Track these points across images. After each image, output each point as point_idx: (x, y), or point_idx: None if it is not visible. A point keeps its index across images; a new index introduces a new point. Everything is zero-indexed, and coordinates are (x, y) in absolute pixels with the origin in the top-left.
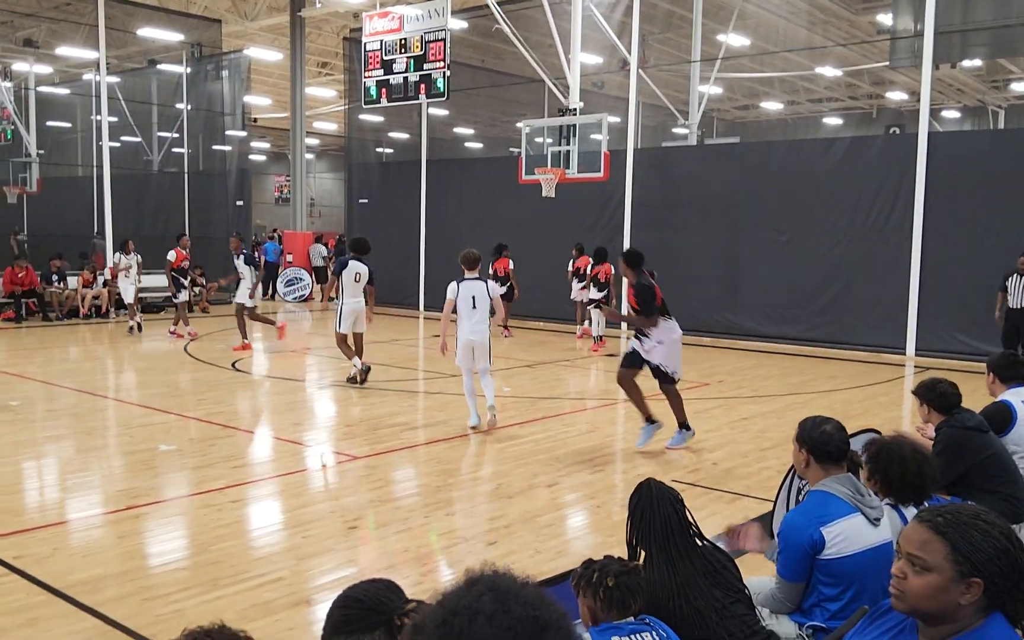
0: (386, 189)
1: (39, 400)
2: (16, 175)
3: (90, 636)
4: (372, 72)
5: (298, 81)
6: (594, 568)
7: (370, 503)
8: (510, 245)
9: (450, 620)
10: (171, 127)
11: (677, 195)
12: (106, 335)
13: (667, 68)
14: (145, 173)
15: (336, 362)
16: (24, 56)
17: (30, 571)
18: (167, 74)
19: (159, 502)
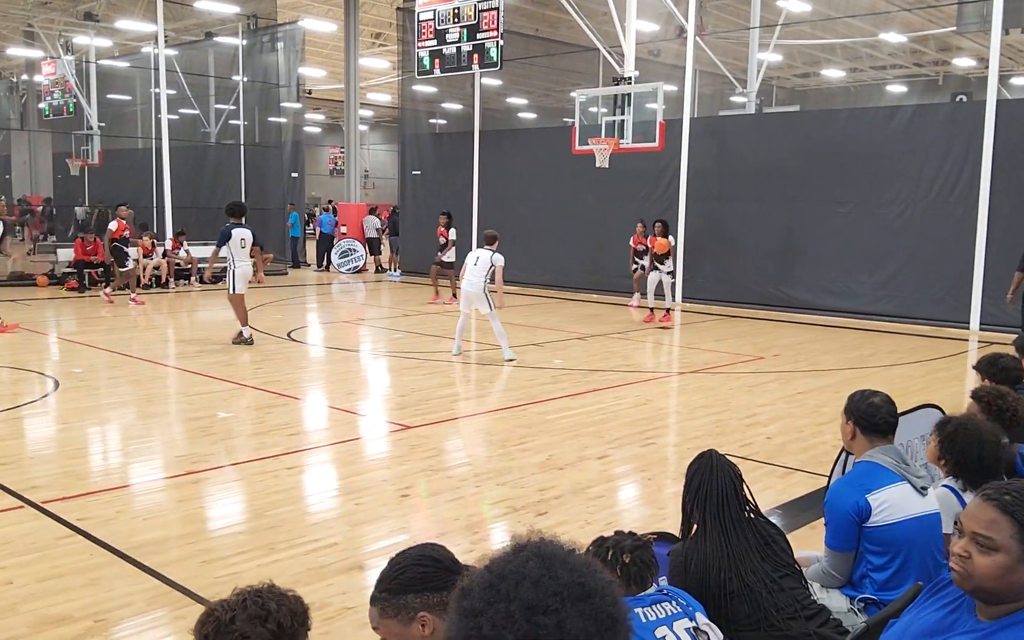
0: (439, 160)
1: (102, 368)
2: (78, 148)
3: (151, 596)
4: (425, 42)
5: (352, 52)
6: (607, 545)
7: (421, 472)
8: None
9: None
10: (227, 99)
11: (734, 165)
12: (165, 304)
13: (725, 35)
14: (202, 145)
15: (388, 333)
16: (85, 30)
17: (94, 532)
18: (223, 46)
19: (217, 468)
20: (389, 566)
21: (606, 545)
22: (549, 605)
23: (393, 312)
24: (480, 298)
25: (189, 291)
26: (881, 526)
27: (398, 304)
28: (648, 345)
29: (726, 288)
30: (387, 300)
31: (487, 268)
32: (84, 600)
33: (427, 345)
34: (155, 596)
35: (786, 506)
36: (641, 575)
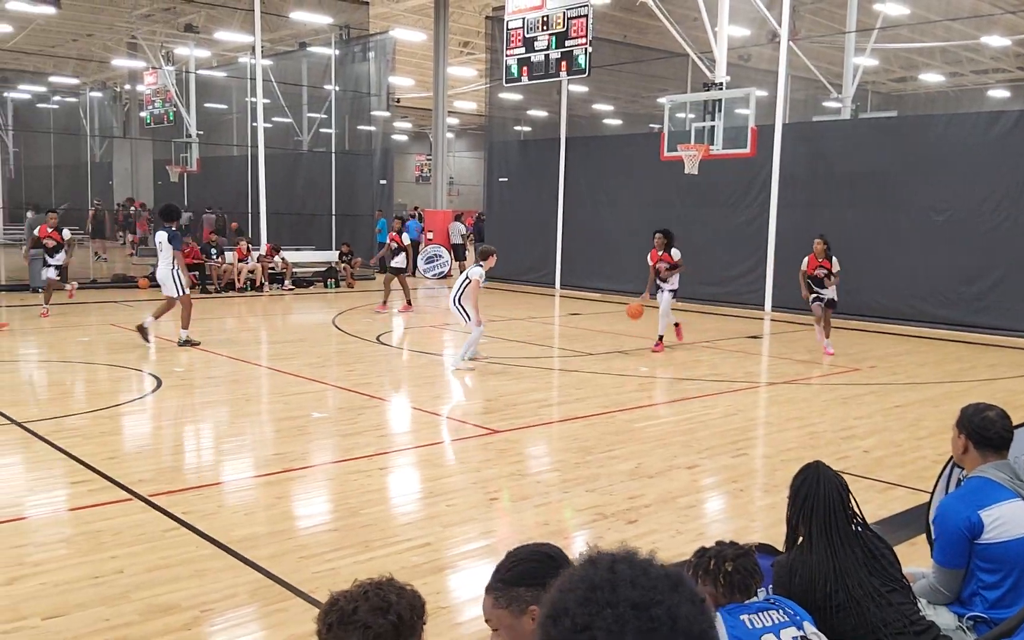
0: (525, 167)
1: (200, 367)
2: (178, 155)
3: (253, 589)
4: (513, 50)
5: (441, 61)
6: (709, 555)
7: (509, 476)
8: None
9: (592, 595)
10: (319, 108)
11: (828, 171)
12: (260, 307)
13: (819, 39)
14: (295, 153)
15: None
16: (185, 41)
17: (198, 525)
18: (316, 56)
19: (312, 466)
20: (506, 558)
21: (708, 554)
22: (654, 598)
23: None
24: (455, 313)
25: (282, 294)
26: (994, 543)
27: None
28: (737, 355)
29: None
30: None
31: (463, 283)
32: (190, 590)
33: (512, 350)
34: (256, 589)
35: (885, 522)
36: (745, 583)
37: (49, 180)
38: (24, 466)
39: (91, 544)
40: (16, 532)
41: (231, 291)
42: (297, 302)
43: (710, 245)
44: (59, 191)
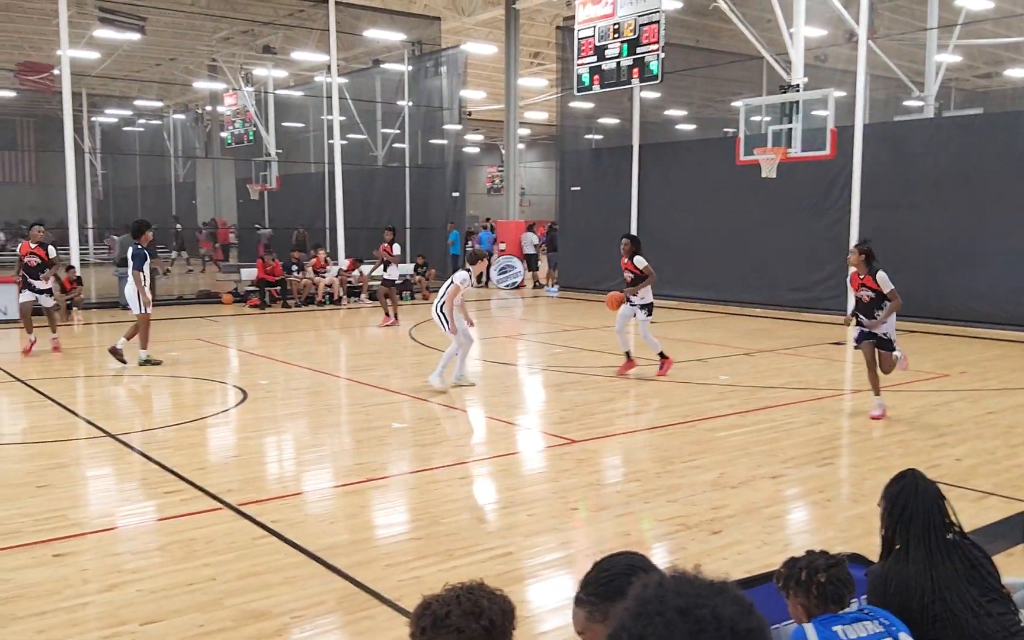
0: (597, 175)
1: (283, 380)
2: (258, 173)
3: (340, 596)
4: (585, 59)
5: (512, 72)
6: (800, 566)
7: (589, 486)
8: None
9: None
10: (393, 123)
11: (911, 172)
12: (338, 321)
13: (899, 37)
14: (370, 168)
15: (546, 347)
16: (263, 62)
17: (286, 534)
18: (390, 73)
19: (393, 476)
20: (596, 571)
21: (799, 565)
22: (698, 602)
23: (551, 327)
24: (437, 320)
25: (359, 307)
26: None
27: (556, 319)
28: (820, 362)
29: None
30: (545, 315)
31: (446, 288)
32: (281, 597)
33: (587, 360)
34: (343, 596)
35: (979, 531)
36: (838, 593)
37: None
38: (119, 476)
39: (185, 552)
40: (114, 540)
41: (311, 305)
42: (374, 315)
43: (789, 250)
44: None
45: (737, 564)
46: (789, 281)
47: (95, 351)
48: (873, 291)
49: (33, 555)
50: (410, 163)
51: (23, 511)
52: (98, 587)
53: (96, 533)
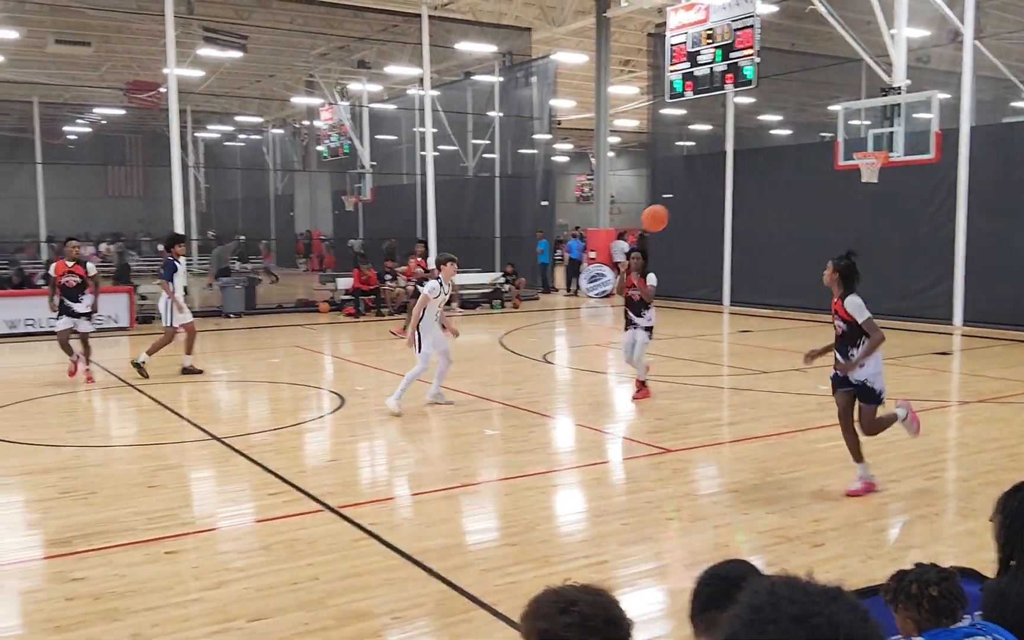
0: (690, 182)
1: (378, 387)
2: (353, 185)
3: (439, 599)
4: (677, 66)
5: (602, 81)
6: (910, 578)
7: (685, 497)
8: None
9: (755, 616)
10: (483, 134)
11: (1020, 175)
12: None
13: (1007, 36)
14: (461, 178)
15: None
16: (358, 76)
17: (385, 536)
18: (480, 84)
19: (487, 482)
20: (704, 579)
21: (909, 578)
22: (814, 609)
23: None
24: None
25: (451, 315)
26: None
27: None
28: (924, 372)
29: (1015, 310)
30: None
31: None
32: (382, 598)
33: (680, 369)
34: (443, 599)
35: None
36: (951, 608)
37: (236, 213)
38: (225, 478)
39: (288, 552)
40: (221, 539)
41: (403, 313)
42: (465, 323)
43: (891, 257)
44: (245, 223)
45: (841, 579)
46: (890, 289)
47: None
48: (845, 321)
49: (146, 552)
50: (500, 173)
51: (136, 510)
52: (207, 584)
53: (204, 532)
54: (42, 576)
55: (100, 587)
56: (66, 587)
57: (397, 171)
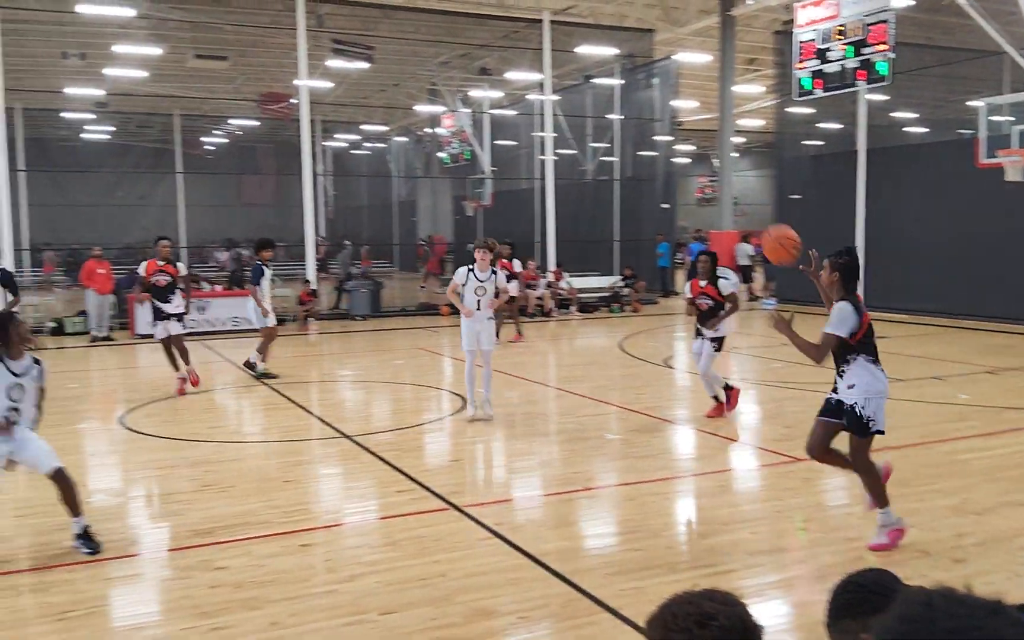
0: (818, 182)
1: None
2: (473, 190)
3: (564, 601)
4: (805, 63)
5: (727, 80)
6: None
7: (816, 507)
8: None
9: (909, 630)
10: (603, 137)
11: None
12: (549, 332)
13: None
14: (580, 182)
15: (763, 361)
16: (479, 83)
17: (509, 537)
18: (600, 87)
19: (610, 486)
20: (844, 588)
21: None
22: (972, 623)
23: (769, 341)
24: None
25: (569, 319)
26: None
27: (773, 333)
28: None
29: None
30: (761, 328)
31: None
32: (507, 597)
33: (809, 375)
34: (567, 601)
35: None
36: None
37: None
38: (354, 475)
39: (416, 548)
40: (352, 533)
41: (521, 317)
42: (584, 326)
43: None
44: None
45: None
46: None
47: (328, 359)
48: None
49: (282, 544)
50: (620, 175)
51: (272, 503)
52: (340, 576)
53: (335, 526)
54: (187, 564)
55: (241, 576)
56: (209, 575)
57: (517, 175)
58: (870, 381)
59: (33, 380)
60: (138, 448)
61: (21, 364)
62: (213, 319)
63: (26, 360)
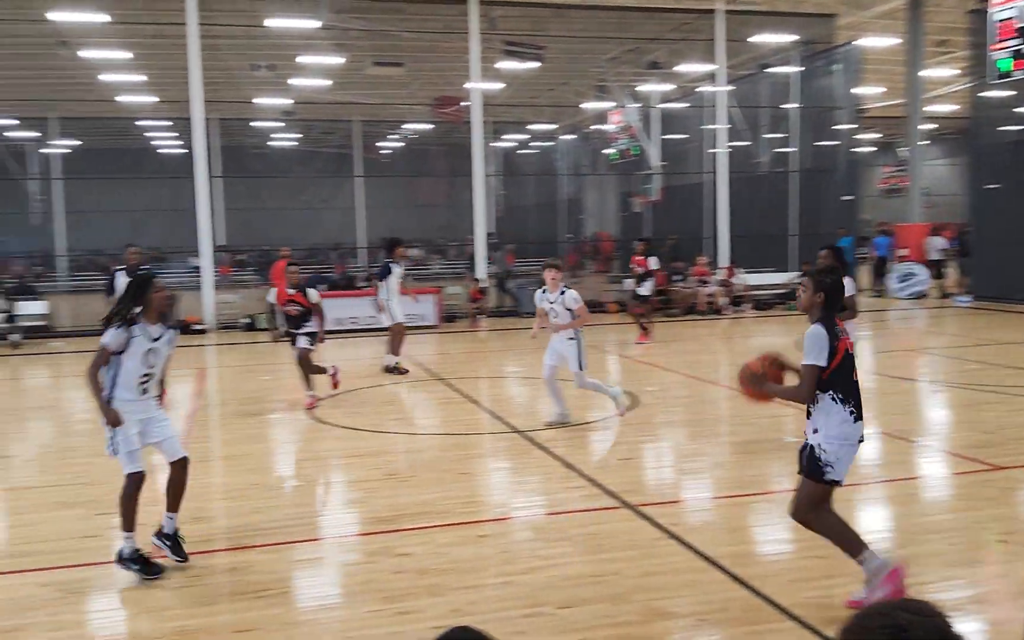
0: (1018, 171)
1: (672, 389)
2: (641, 186)
3: (745, 606)
4: (1003, 43)
5: (915, 64)
6: None
7: (1017, 519)
8: None
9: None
10: (779, 127)
11: None
12: (721, 330)
13: None
14: (754, 174)
15: (958, 362)
16: (649, 78)
17: (685, 538)
18: (776, 76)
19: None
20: (851, 619)
21: None
22: None
23: (963, 341)
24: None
25: (742, 317)
26: None
27: (969, 332)
28: None
29: None
30: (954, 328)
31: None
32: (684, 599)
33: (1011, 378)
34: (749, 607)
35: None
36: None
37: (527, 217)
38: (527, 469)
39: (590, 545)
40: (527, 527)
41: (691, 314)
42: (758, 324)
43: None
44: (537, 226)
45: None
46: None
47: (496, 355)
48: None
49: (461, 534)
50: (797, 167)
51: (450, 494)
52: (518, 568)
53: (511, 519)
54: (371, 550)
55: (423, 563)
56: (393, 561)
57: (686, 170)
58: (837, 427)
59: (166, 344)
60: (324, 437)
61: (157, 329)
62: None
63: (161, 326)
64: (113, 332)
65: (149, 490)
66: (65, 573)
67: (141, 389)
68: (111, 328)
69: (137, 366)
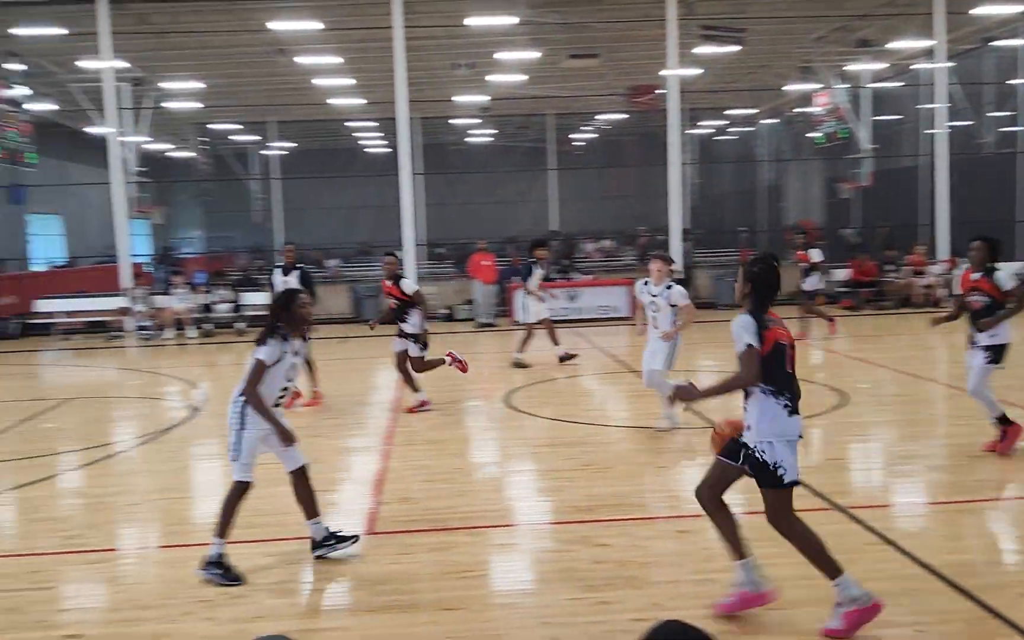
0: None
1: (881, 384)
2: (849, 171)
3: (969, 619)
4: None
5: None
6: None
7: None
8: None
9: None
10: (1005, 105)
11: None
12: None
13: None
14: (977, 156)
15: None
16: (858, 56)
17: (901, 544)
18: (1003, 49)
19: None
20: None
21: None
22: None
23: None
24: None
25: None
26: None
27: None
28: None
29: None
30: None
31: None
32: (902, 608)
33: None
34: (974, 619)
35: None
36: None
37: (723, 206)
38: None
39: None
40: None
41: (906, 307)
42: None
43: None
44: (733, 215)
45: None
46: None
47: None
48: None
49: (659, 528)
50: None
51: (647, 487)
52: (719, 566)
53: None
54: (570, 538)
55: (622, 555)
56: (592, 551)
57: (899, 152)
58: (769, 422)
59: (300, 356)
60: (520, 426)
61: (298, 343)
62: (583, 307)
63: (300, 341)
64: (268, 348)
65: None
66: (285, 545)
67: (278, 401)
68: (265, 344)
69: (280, 380)
